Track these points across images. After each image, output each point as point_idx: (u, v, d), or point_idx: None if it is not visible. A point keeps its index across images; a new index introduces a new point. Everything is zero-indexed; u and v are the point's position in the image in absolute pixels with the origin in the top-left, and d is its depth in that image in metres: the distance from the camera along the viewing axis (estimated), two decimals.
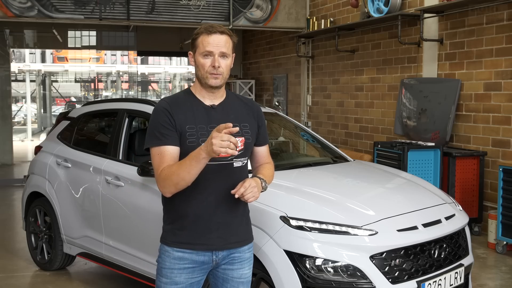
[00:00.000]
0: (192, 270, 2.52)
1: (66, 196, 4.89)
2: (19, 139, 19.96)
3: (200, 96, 2.54)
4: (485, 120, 6.54)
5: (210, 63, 2.45)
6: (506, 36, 6.24)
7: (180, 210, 2.51)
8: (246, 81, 12.60)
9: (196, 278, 2.55)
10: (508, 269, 5.36)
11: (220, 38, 2.46)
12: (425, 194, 4.00)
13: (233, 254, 2.57)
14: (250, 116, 2.61)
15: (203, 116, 2.49)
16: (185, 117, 2.46)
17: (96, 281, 5.03)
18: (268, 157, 2.72)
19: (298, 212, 3.35)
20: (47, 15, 8.75)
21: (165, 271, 2.53)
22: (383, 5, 7.68)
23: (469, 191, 6.50)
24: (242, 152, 2.47)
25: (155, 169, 2.45)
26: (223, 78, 2.49)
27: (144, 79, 31.04)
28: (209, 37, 2.46)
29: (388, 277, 3.19)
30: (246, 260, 2.62)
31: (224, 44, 2.47)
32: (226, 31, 2.49)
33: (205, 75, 2.48)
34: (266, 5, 9.78)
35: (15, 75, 26.89)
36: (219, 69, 2.45)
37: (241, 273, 2.60)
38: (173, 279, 2.52)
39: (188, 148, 2.40)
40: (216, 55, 2.45)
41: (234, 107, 2.58)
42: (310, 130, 5.47)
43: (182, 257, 2.51)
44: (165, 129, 2.43)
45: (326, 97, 9.84)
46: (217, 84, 2.48)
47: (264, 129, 2.68)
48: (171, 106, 2.48)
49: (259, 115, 2.66)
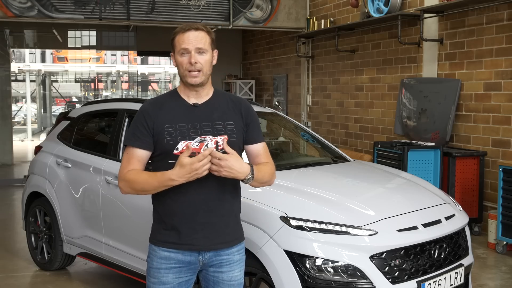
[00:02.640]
0: (179, 270, 2.51)
1: (66, 196, 4.89)
2: (19, 139, 19.97)
3: (184, 95, 2.54)
4: (485, 120, 6.54)
5: (187, 60, 2.45)
6: (506, 36, 6.24)
7: (166, 210, 2.52)
8: (246, 81, 12.60)
9: (184, 278, 2.53)
10: (508, 269, 5.36)
11: (195, 34, 2.46)
12: (425, 194, 4.00)
13: (221, 257, 2.53)
14: (237, 114, 2.56)
15: (184, 114, 2.49)
16: (165, 116, 2.48)
17: (96, 281, 5.03)
18: (266, 157, 2.62)
19: (298, 212, 3.35)
20: (47, 15, 8.75)
21: (153, 271, 2.54)
22: (383, 5, 7.68)
23: (469, 191, 6.50)
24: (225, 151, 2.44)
25: (122, 166, 2.52)
26: (203, 74, 2.47)
27: (144, 79, 31.03)
28: (184, 35, 2.46)
29: (388, 277, 3.19)
30: (236, 263, 2.57)
31: (200, 40, 2.46)
32: (201, 28, 2.49)
33: (184, 73, 2.48)
34: (266, 5, 9.78)
35: (15, 75, 26.89)
36: (196, 65, 2.44)
37: (231, 276, 2.56)
38: (160, 279, 2.51)
39: (166, 147, 2.44)
40: (192, 52, 2.44)
41: (219, 105, 2.55)
42: (310, 130, 5.47)
43: (169, 257, 2.50)
44: (140, 131, 2.49)
45: (326, 97, 9.84)
46: (197, 82, 2.47)
47: (254, 127, 2.60)
48: (152, 107, 2.53)
49: (248, 113, 2.59)
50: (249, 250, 3.30)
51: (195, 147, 2.39)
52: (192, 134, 2.44)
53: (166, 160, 2.45)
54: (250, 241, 3.30)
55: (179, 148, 2.42)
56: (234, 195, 2.58)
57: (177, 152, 2.41)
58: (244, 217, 3.36)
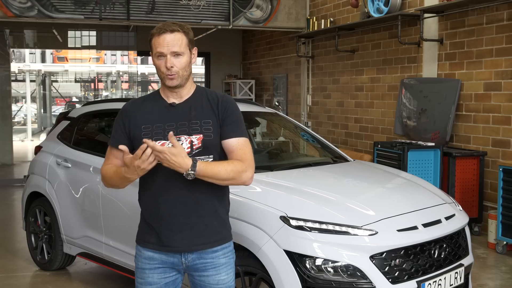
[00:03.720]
0: (163, 270, 2.51)
1: (66, 196, 4.89)
2: (19, 139, 19.96)
3: (164, 95, 2.54)
4: (485, 120, 6.54)
5: (163, 64, 2.43)
6: (506, 36, 6.24)
7: (147, 211, 2.53)
8: (246, 81, 12.60)
9: (171, 278, 2.53)
10: (508, 269, 5.36)
11: (170, 37, 2.42)
12: (425, 194, 4.00)
13: (206, 260, 2.49)
14: (213, 111, 2.49)
15: (162, 114, 2.48)
16: (143, 117, 2.49)
17: (96, 281, 5.03)
18: (240, 154, 2.46)
19: (298, 212, 3.35)
20: (47, 15, 8.75)
21: (139, 271, 2.55)
22: (383, 5, 7.68)
23: (469, 191, 6.50)
24: (201, 150, 2.44)
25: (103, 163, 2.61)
26: (179, 77, 2.44)
27: (144, 79, 31.03)
28: (159, 37, 2.43)
29: (388, 277, 3.18)
30: (222, 266, 2.52)
31: (176, 43, 2.42)
32: (177, 29, 2.44)
33: (162, 76, 2.47)
34: (266, 5, 9.78)
35: (15, 75, 26.87)
36: (172, 69, 2.42)
37: (217, 279, 2.51)
38: (146, 279, 2.52)
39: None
40: (168, 55, 2.42)
41: (198, 104, 2.51)
42: (310, 130, 5.47)
43: (152, 257, 2.51)
44: (116, 132, 2.55)
45: (326, 97, 9.84)
46: (174, 84, 2.45)
47: (230, 122, 2.48)
48: (132, 108, 2.56)
49: (224, 107, 2.50)
50: (249, 250, 3.31)
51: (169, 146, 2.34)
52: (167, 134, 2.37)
53: None
54: (250, 241, 3.30)
55: None
56: (218, 195, 2.53)
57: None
58: (244, 217, 3.38)
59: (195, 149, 2.42)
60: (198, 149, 2.43)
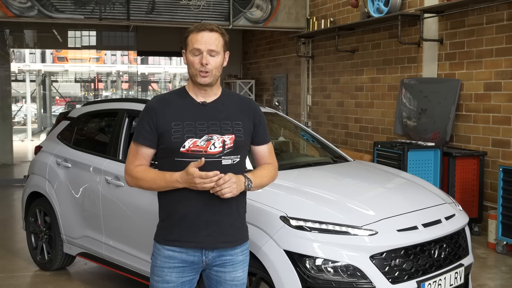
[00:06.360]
0: (183, 269, 2.52)
1: (66, 196, 4.89)
2: (19, 139, 19.97)
3: (192, 93, 2.56)
4: (485, 120, 6.54)
5: (198, 61, 2.46)
6: (506, 36, 6.24)
7: (170, 208, 2.53)
8: (246, 81, 12.60)
9: (188, 277, 2.54)
10: (508, 269, 5.36)
11: (209, 36, 2.46)
12: (425, 194, 4.00)
13: (225, 257, 2.54)
14: (245, 114, 2.58)
15: (192, 112, 2.50)
16: (172, 114, 2.50)
17: (96, 281, 5.03)
18: (270, 158, 2.68)
19: (298, 212, 3.35)
20: (47, 15, 8.75)
21: (156, 270, 2.54)
22: (383, 5, 7.68)
23: (469, 191, 6.50)
24: (231, 150, 2.48)
25: (128, 161, 2.58)
26: (212, 75, 2.49)
27: (144, 79, 31.05)
28: (198, 34, 2.47)
29: (388, 277, 3.19)
30: (239, 263, 2.59)
31: (213, 42, 2.46)
32: (216, 29, 2.49)
33: (194, 73, 2.49)
34: (266, 5, 9.78)
35: (15, 75, 26.89)
36: (207, 66, 2.45)
37: (233, 276, 2.57)
38: (164, 277, 2.52)
39: (172, 144, 2.46)
40: (204, 53, 2.45)
41: (228, 104, 2.57)
42: (310, 130, 5.47)
43: (172, 256, 2.51)
44: (145, 129, 2.52)
45: (326, 97, 9.84)
46: (206, 82, 2.49)
47: (262, 128, 2.63)
48: (160, 104, 2.54)
49: (256, 114, 2.62)
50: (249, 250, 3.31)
51: (201, 145, 2.43)
52: (199, 133, 2.45)
53: (172, 158, 2.47)
54: (250, 241, 3.28)
55: (185, 146, 2.44)
56: (242, 196, 2.58)
57: (184, 150, 2.43)
58: None
59: (227, 149, 2.45)
60: (229, 149, 2.46)
